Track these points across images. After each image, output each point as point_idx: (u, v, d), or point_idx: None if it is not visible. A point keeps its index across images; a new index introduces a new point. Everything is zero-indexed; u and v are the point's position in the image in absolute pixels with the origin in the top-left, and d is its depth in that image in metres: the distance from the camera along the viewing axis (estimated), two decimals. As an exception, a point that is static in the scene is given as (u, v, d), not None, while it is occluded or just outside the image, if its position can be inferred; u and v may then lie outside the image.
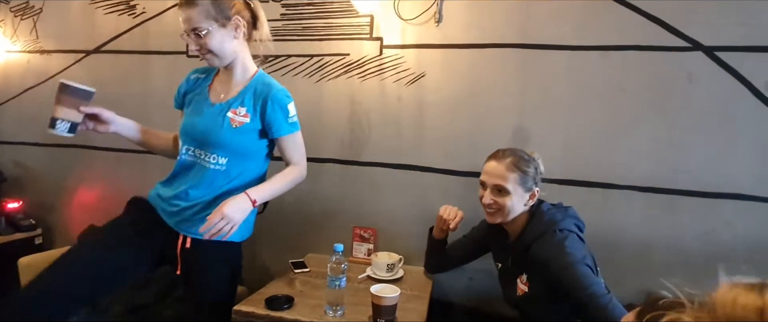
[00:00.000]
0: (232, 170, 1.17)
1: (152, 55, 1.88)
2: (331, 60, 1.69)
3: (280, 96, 1.18)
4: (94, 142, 1.98)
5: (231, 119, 1.15)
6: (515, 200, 1.14)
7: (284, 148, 1.23)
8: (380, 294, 1.10)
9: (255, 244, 1.82)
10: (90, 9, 1.93)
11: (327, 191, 1.74)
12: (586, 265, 1.04)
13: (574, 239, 1.10)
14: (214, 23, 1.08)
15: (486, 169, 1.19)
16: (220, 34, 1.10)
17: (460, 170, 1.61)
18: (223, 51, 1.13)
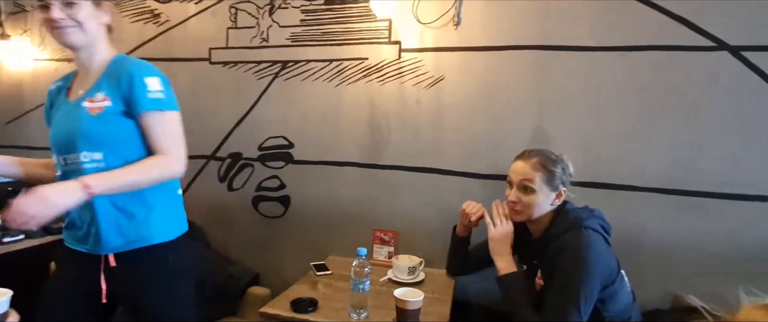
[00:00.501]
0: (111, 164, 1.00)
1: (175, 61, 1.93)
2: (350, 64, 1.72)
3: (136, 69, 1.02)
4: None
5: (88, 108, 1.01)
6: (541, 199, 1.15)
7: (147, 129, 1.00)
8: (404, 298, 1.12)
9: (276, 246, 1.86)
10: (116, 17, 1.98)
11: (347, 194, 1.76)
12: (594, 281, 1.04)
13: (598, 239, 1.10)
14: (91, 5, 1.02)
15: (513, 167, 1.20)
16: (91, 10, 1.02)
17: (479, 172, 1.62)
18: (88, 28, 1.02)
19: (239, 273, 1.77)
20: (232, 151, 1.89)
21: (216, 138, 1.90)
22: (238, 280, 1.73)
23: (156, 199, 1.06)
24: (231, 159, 1.90)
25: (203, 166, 1.93)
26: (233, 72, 1.86)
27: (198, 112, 1.92)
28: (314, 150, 1.79)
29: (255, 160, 1.86)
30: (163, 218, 1.07)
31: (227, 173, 1.91)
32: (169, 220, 1.09)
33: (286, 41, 1.79)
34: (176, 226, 1.12)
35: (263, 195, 1.87)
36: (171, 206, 1.11)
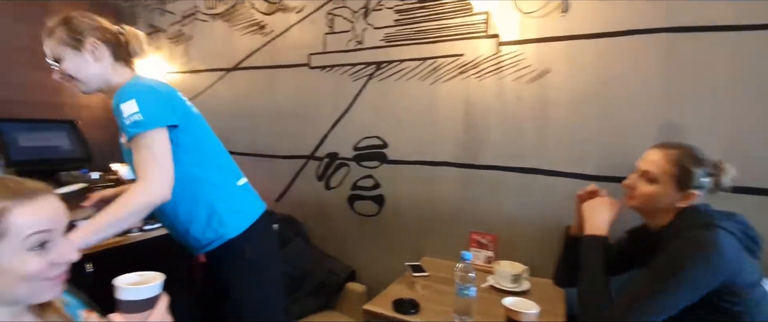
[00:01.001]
0: None
1: (279, 68, 2.08)
2: (445, 62, 1.67)
3: (116, 99, 1.01)
4: (236, 148, 2.26)
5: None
6: (660, 193, 1.00)
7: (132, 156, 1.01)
8: (517, 309, 1.05)
9: (371, 244, 1.90)
10: (229, 31, 2.21)
11: (442, 195, 1.73)
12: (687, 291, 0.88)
13: (732, 243, 0.91)
14: (67, 49, 1.05)
15: (645, 154, 1.08)
16: (75, 60, 1.06)
17: (591, 173, 1.46)
18: (85, 76, 1.07)
19: (338, 269, 1.85)
20: (329, 151, 1.98)
21: (314, 139, 2.00)
22: (337, 275, 1.81)
23: (213, 197, 1.11)
24: (328, 159, 1.98)
25: (303, 165, 2.05)
26: (330, 75, 1.94)
27: (298, 114, 2.04)
28: (408, 149, 1.79)
29: (350, 160, 1.92)
30: (228, 213, 1.12)
31: (325, 172, 2.00)
32: (235, 214, 1.13)
33: (380, 42, 1.81)
34: (243, 218, 1.14)
35: (358, 194, 1.92)
36: (233, 200, 1.14)
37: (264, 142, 2.16)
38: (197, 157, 1.11)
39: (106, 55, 1.09)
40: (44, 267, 0.64)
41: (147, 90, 1.03)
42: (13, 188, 0.63)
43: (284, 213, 2.08)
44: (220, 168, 1.19)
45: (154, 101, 1.01)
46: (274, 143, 2.13)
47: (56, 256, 0.65)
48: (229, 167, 1.23)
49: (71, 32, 1.05)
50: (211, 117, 2.28)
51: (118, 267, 1.26)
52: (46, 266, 0.64)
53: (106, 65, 1.09)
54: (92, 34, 1.07)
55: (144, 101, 0.99)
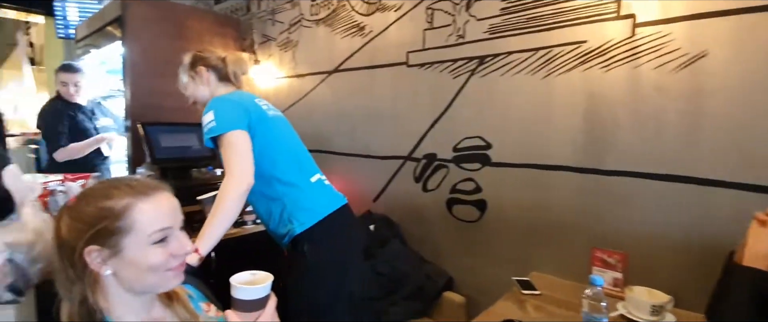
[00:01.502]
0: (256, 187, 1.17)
1: (377, 68, 2.07)
2: (562, 51, 1.46)
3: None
4: (332, 148, 2.34)
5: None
6: None
7: None
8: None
9: (471, 252, 1.77)
10: (331, 36, 2.28)
11: (557, 203, 1.52)
12: None
13: None
14: (188, 78, 1.38)
15: None
16: (193, 85, 1.37)
17: (764, 184, 1.13)
18: (199, 97, 1.37)
19: (435, 274, 1.76)
20: (427, 152, 1.90)
21: (412, 139, 1.94)
22: (435, 281, 1.73)
23: (285, 194, 1.22)
24: (426, 160, 1.91)
25: (400, 166, 2.01)
26: (429, 73, 1.86)
27: (396, 114, 2.00)
28: (515, 151, 1.62)
29: (449, 161, 1.82)
30: (296, 209, 1.21)
31: (422, 174, 1.93)
32: (302, 210, 1.21)
33: (483, 35, 1.67)
34: (309, 215, 1.21)
35: (457, 198, 1.81)
36: (302, 197, 1.22)
37: (362, 142, 2.18)
38: (269, 156, 1.23)
39: (212, 79, 1.37)
40: (166, 259, 0.68)
41: (222, 102, 1.21)
42: (135, 187, 0.68)
43: (381, 213, 2.06)
44: (292, 166, 1.27)
45: (227, 109, 1.18)
46: (372, 143, 2.13)
47: (175, 248, 0.69)
48: (302, 165, 1.32)
49: (190, 65, 1.38)
50: (313, 118, 2.40)
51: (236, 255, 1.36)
52: (168, 258, 0.68)
53: (213, 86, 1.37)
54: (203, 62, 1.36)
55: (218, 111, 1.17)
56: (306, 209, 1.22)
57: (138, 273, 0.67)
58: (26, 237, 1.16)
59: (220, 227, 1.09)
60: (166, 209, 0.71)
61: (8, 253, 1.13)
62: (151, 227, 0.67)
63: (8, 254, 1.13)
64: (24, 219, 1.19)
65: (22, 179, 1.23)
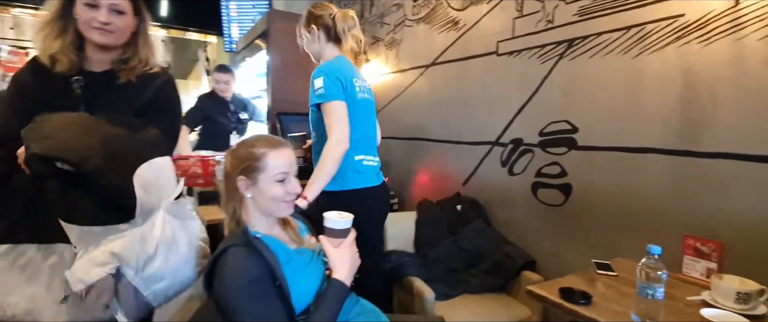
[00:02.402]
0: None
1: (469, 59, 2.20)
2: (656, 28, 1.40)
3: (313, 73, 1.43)
4: (429, 135, 2.55)
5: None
6: None
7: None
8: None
9: (554, 235, 1.79)
10: (429, 32, 2.49)
11: (646, 187, 1.45)
12: None
13: None
14: (304, 33, 1.53)
15: None
16: (308, 41, 1.54)
17: None
18: (311, 52, 1.58)
19: (515, 254, 1.83)
20: (514, 137, 1.96)
21: (500, 125, 2.03)
22: (513, 260, 1.79)
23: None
24: (512, 145, 1.97)
25: (488, 151, 2.11)
26: (517, 60, 1.92)
27: (485, 102, 2.11)
28: (603, 134, 1.59)
29: (535, 145, 1.86)
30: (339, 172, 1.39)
31: (509, 158, 2.00)
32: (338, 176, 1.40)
33: (573, 18, 1.67)
34: (339, 182, 1.42)
35: (542, 182, 1.83)
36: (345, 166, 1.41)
37: (454, 129, 2.34)
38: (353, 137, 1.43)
39: (322, 37, 1.51)
40: (283, 193, 1.00)
41: (332, 71, 1.39)
42: (270, 142, 1.02)
43: (469, 196, 2.19)
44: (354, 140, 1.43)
45: (333, 80, 1.38)
46: (463, 130, 2.27)
47: (290, 187, 1.01)
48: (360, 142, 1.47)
49: (306, 23, 1.53)
50: (413, 109, 2.65)
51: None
52: (284, 193, 1.00)
53: (322, 45, 1.53)
54: (315, 21, 1.51)
55: (328, 79, 1.37)
56: (340, 177, 1.42)
57: (265, 200, 1.00)
58: (144, 249, 0.96)
59: (322, 180, 1.36)
60: (287, 159, 1.03)
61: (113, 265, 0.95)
62: (276, 169, 0.99)
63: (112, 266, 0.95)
64: (148, 227, 0.97)
65: (168, 174, 1.06)
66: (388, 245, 2.10)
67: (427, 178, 2.59)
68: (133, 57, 1.14)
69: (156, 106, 1.13)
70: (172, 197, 1.05)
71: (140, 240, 0.98)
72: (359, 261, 1.05)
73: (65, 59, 1.05)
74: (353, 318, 1.08)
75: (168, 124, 1.15)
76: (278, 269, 0.92)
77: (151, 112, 1.11)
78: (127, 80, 1.11)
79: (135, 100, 1.10)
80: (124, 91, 1.10)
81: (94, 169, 0.92)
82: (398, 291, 1.84)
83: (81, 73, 1.08)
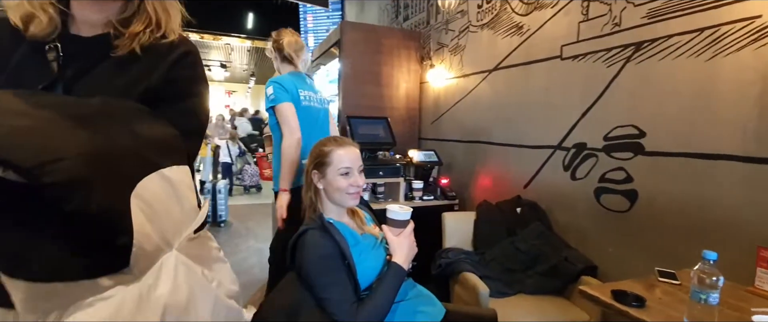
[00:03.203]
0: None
1: (532, 64, 2.23)
2: (731, 29, 1.34)
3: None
4: (490, 139, 2.60)
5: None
6: None
7: None
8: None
9: (618, 242, 1.76)
10: (492, 37, 2.55)
11: (719, 195, 1.39)
12: None
13: None
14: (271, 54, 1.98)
15: None
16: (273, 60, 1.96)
17: None
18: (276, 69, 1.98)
19: (574, 258, 1.83)
20: (577, 141, 1.96)
21: (562, 129, 2.03)
22: (572, 265, 1.80)
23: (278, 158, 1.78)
24: (575, 149, 1.97)
25: (550, 155, 2.12)
26: (582, 64, 1.91)
27: (548, 105, 2.12)
28: (672, 140, 1.54)
29: (599, 150, 1.84)
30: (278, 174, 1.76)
31: (571, 163, 1.99)
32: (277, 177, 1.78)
33: (641, 20, 1.64)
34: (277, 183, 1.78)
35: (606, 187, 1.81)
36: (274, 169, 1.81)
37: (516, 133, 2.37)
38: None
39: (278, 57, 1.91)
40: (347, 186, 1.17)
41: (278, 81, 1.77)
42: (337, 140, 1.20)
43: (530, 199, 2.21)
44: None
45: (280, 89, 1.75)
46: (524, 134, 2.30)
47: (353, 181, 1.18)
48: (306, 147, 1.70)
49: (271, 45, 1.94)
50: (475, 113, 2.72)
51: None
52: (348, 185, 1.17)
53: (278, 63, 1.92)
54: (273, 45, 1.90)
55: (275, 87, 1.75)
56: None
57: (332, 190, 1.19)
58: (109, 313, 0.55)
59: (288, 169, 1.72)
60: (351, 156, 1.20)
61: None
62: (340, 164, 1.18)
63: None
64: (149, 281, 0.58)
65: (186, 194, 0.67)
66: (447, 243, 2.21)
67: (488, 180, 2.65)
68: (138, 16, 0.75)
69: (171, 89, 0.75)
70: (190, 229, 0.66)
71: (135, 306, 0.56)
72: (417, 249, 1.19)
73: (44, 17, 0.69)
74: (410, 300, 1.23)
75: (187, 117, 0.76)
76: (347, 250, 1.09)
77: (163, 99, 0.73)
78: (128, 51, 0.72)
79: (139, 79, 0.71)
80: (122, 66, 0.71)
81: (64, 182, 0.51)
82: (454, 286, 1.95)
83: (64, 38, 0.71)
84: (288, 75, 1.86)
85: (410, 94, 3.45)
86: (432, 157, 2.94)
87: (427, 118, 3.41)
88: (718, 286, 0.97)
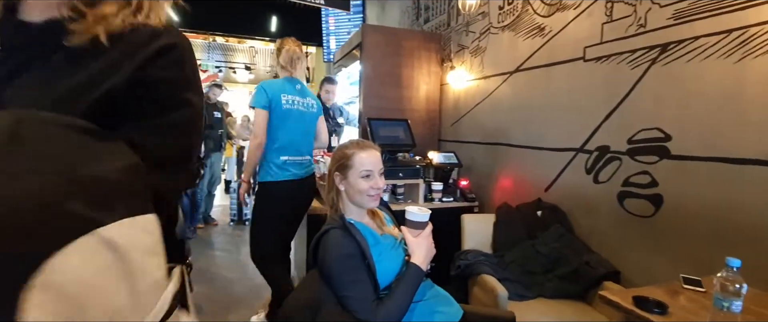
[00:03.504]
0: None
1: (554, 66, 2.21)
2: (761, 31, 1.30)
3: None
4: (510, 141, 2.59)
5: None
6: None
7: None
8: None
9: (641, 248, 1.73)
10: (514, 39, 2.54)
11: (749, 201, 1.36)
12: None
13: None
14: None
15: None
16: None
17: None
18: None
19: (596, 262, 1.80)
20: (600, 144, 1.93)
21: (585, 131, 2.00)
22: (593, 269, 1.77)
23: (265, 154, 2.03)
24: (598, 152, 1.94)
25: (572, 158, 2.10)
26: (605, 66, 1.89)
27: (570, 108, 2.10)
28: (699, 143, 1.51)
29: (623, 153, 1.81)
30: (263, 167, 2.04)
31: (594, 166, 1.97)
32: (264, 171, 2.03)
33: (667, 21, 1.61)
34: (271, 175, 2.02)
35: (630, 191, 1.78)
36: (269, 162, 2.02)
37: (536, 135, 2.35)
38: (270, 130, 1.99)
39: (277, 64, 2.11)
40: (367, 188, 1.21)
41: (262, 87, 1.98)
42: (359, 144, 1.24)
43: (551, 202, 2.20)
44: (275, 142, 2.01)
45: (262, 94, 1.96)
46: (546, 136, 2.28)
47: (373, 183, 1.21)
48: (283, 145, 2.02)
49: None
50: (495, 114, 2.72)
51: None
52: (369, 187, 1.21)
53: (278, 69, 2.12)
54: (276, 53, 2.12)
55: (258, 91, 1.98)
56: (266, 171, 2.02)
57: (353, 192, 1.23)
58: None
59: (249, 164, 2.03)
60: (372, 159, 1.24)
61: None
62: (362, 167, 1.21)
63: None
64: None
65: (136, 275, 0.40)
66: (466, 244, 2.22)
67: (508, 182, 2.63)
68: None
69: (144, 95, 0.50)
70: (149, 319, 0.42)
71: None
72: (435, 251, 1.22)
73: None
74: (428, 300, 1.25)
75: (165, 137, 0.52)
76: (367, 250, 1.13)
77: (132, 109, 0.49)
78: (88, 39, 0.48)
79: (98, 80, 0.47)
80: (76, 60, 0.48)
81: None
82: (473, 287, 1.95)
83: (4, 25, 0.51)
84: (280, 80, 2.07)
85: (430, 96, 3.46)
86: (452, 158, 2.95)
87: (447, 120, 3.41)
88: (742, 293, 0.95)
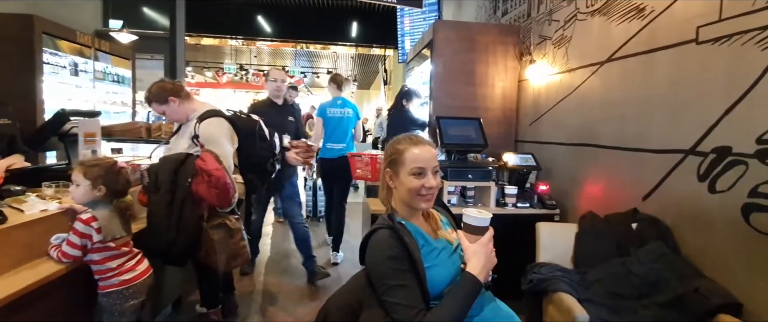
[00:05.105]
0: None
1: (656, 52, 1.87)
2: None
3: None
4: (599, 141, 2.26)
5: None
6: None
7: None
8: None
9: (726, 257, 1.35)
10: (605, 25, 2.22)
11: None
12: None
13: None
14: None
15: None
16: None
17: None
18: None
19: (710, 290, 1.46)
20: (718, 144, 1.57)
21: (697, 129, 1.65)
22: (705, 299, 1.43)
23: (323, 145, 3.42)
24: (715, 154, 1.58)
25: (679, 161, 1.74)
26: (725, 48, 1.53)
27: (676, 101, 1.75)
28: None
29: (750, 156, 1.44)
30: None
31: (710, 171, 1.61)
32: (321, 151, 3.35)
33: (821, -15, 1.24)
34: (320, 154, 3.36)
35: (759, 203, 1.41)
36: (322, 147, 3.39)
37: (632, 134, 2.02)
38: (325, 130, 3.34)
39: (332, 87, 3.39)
40: (418, 187, 1.10)
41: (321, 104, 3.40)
42: (412, 140, 1.15)
43: (650, 213, 1.86)
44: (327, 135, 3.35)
45: (320, 108, 3.38)
46: (644, 135, 1.94)
47: (425, 182, 1.10)
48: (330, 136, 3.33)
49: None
50: (581, 111, 2.43)
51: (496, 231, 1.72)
52: (420, 186, 1.10)
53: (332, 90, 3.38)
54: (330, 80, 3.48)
55: (318, 107, 3.44)
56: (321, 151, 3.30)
57: (403, 191, 1.13)
58: None
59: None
60: (425, 156, 1.14)
61: None
62: (413, 164, 1.11)
63: None
64: None
65: None
66: (541, 256, 1.98)
67: (595, 188, 2.31)
68: None
69: None
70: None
71: None
72: (495, 260, 1.07)
73: None
74: (486, 316, 1.11)
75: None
76: (416, 253, 1.04)
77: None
78: None
79: None
80: None
81: None
82: (548, 306, 1.73)
83: None
84: (330, 100, 3.37)
85: (507, 94, 3.22)
86: (529, 161, 2.69)
87: (525, 119, 3.13)
88: None
